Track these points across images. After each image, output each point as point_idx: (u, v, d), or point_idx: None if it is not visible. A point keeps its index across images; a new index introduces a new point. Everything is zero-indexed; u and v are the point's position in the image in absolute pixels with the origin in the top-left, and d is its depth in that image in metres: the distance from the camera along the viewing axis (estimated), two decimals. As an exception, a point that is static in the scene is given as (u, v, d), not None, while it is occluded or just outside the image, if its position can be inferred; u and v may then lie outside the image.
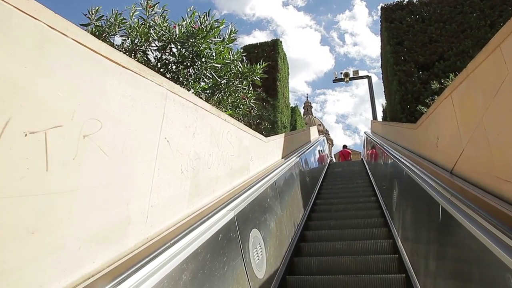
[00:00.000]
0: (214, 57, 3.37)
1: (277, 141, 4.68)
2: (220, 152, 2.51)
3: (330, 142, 71.99)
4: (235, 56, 3.68)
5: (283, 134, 5.12)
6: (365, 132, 10.39)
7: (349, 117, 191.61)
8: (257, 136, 3.67)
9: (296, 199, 4.40)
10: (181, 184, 1.77)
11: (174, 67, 3.33)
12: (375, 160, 6.77)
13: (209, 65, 3.41)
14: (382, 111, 15.56)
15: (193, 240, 1.54)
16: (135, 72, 1.34)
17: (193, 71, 3.47)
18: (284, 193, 3.76)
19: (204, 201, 2.10)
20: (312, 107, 79.06)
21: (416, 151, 3.54)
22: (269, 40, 10.50)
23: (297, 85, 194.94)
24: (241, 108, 4.35)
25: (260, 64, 3.82)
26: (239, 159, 2.93)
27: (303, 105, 77.53)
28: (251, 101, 4.35)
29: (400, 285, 2.63)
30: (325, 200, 5.88)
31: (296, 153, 5.35)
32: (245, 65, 3.76)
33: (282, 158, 4.92)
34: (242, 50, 4.02)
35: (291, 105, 14.28)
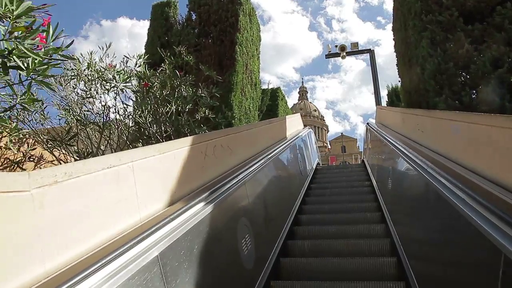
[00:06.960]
0: None
1: (138, 164, 1.64)
2: None
3: (326, 129, 69.58)
4: None
5: (180, 140, 2.07)
6: (368, 123, 7.31)
7: (338, 104, 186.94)
8: None
9: None
10: None
11: None
12: (399, 200, 3.69)
13: None
14: (387, 95, 12.35)
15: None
16: None
17: None
18: None
19: None
20: (307, 92, 76.07)
21: None
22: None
23: (286, 72, 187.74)
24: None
25: None
26: None
27: (298, 90, 74.13)
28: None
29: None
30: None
31: (225, 185, 2.31)
32: None
33: (177, 202, 1.90)
34: None
35: (273, 87, 11.08)
